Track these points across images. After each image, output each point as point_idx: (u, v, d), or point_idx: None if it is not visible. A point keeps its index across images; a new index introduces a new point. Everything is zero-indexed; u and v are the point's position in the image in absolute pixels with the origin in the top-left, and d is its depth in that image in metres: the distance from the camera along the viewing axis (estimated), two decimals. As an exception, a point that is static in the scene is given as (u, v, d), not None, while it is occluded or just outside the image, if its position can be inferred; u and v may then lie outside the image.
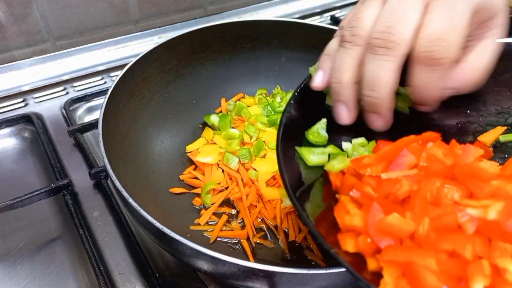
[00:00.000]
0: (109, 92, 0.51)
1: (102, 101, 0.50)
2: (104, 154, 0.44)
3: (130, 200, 0.39)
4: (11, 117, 0.67)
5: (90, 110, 0.73)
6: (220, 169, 0.56)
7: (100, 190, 0.58)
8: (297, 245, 0.49)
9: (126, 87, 0.55)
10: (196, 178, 0.56)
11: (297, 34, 0.66)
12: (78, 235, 0.50)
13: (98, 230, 0.53)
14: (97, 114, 0.72)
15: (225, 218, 0.52)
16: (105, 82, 0.78)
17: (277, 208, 0.51)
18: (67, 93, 0.75)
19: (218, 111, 0.66)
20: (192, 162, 0.59)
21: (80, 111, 0.72)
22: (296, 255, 0.48)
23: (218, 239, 0.50)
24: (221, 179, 0.55)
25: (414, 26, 0.32)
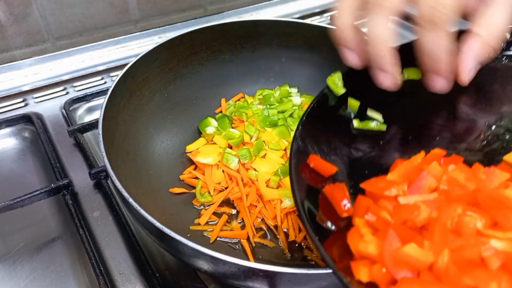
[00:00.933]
0: (109, 92, 0.51)
1: (102, 101, 0.50)
2: (104, 154, 0.44)
3: (130, 200, 0.39)
4: (11, 117, 0.67)
5: (90, 110, 0.73)
6: (220, 169, 0.56)
7: (100, 190, 0.58)
8: (297, 245, 0.49)
9: (126, 87, 0.55)
10: (196, 178, 0.56)
11: (297, 34, 0.65)
12: (78, 235, 0.50)
13: (98, 230, 0.53)
14: (97, 114, 0.72)
15: (225, 218, 0.52)
16: (105, 82, 0.78)
17: (277, 208, 0.51)
18: (67, 93, 0.75)
19: (218, 111, 0.66)
20: (192, 162, 0.59)
21: (80, 111, 0.72)
22: (296, 255, 0.48)
23: (218, 239, 0.50)
24: (221, 179, 0.55)
25: None
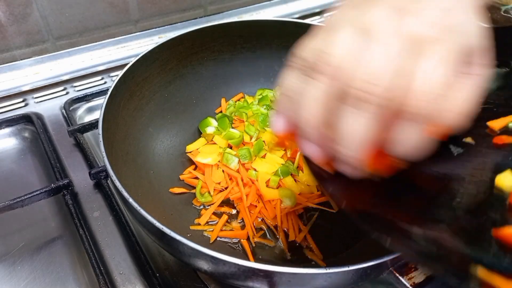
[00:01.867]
0: (109, 92, 0.51)
1: (102, 101, 0.50)
2: (104, 154, 0.44)
3: (130, 200, 0.39)
4: (11, 117, 0.67)
5: (90, 110, 0.73)
6: (220, 169, 0.56)
7: (100, 190, 0.58)
8: (297, 245, 0.49)
9: (126, 87, 0.55)
10: (196, 178, 0.56)
11: (297, 34, 0.65)
12: (78, 235, 0.50)
13: (98, 230, 0.53)
14: (97, 114, 0.72)
15: (225, 218, 0.52)
16: (105, 82, 0.78)
17: (277, 208, 0.51)
18: (67, 93, 0.75)
19: (218, 111, 0.66)
20: (192, 162, 0.59)
21: (80, 111, 0.72)
22: (296, 255, 0.48)
23: (218, 239, 0.50)
24: (221, 179, 0.55)
25: (408, 81, 0.25)
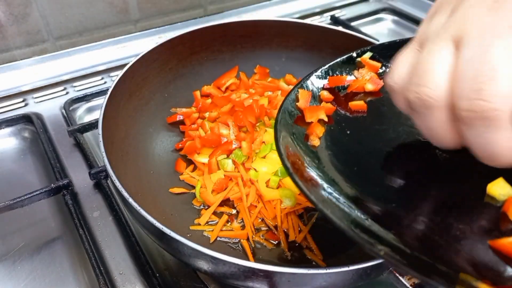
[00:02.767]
0: (109, 92, 0.51)
1: (102, 101, 0.50)
2: (104, 154, 0.44)
3: (130, 200, 0.39)
4: (11, 117, 0.67)
5: (90, 110, 0.73)
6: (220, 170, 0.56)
7: (100, 190, 0.58)
8: (297, 245, 0.49)
9: (126, 87, 0.55)
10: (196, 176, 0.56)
11: (297, 34, 0.66)
12: (78, 235, 0.50)
13: (98, 230, 0.53)
14: (97, 114, 0.72)
15: (225, 218, 0.51)
16: (105, 82, 0.78)
17: (277, 208, 0.51)
18: (67, 93, 0.75)
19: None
20: (191, 162, 0.58)
21: (80, 111, 0.72)
22: (296, 255, 0.48)
23: (218, 239, 0.50)
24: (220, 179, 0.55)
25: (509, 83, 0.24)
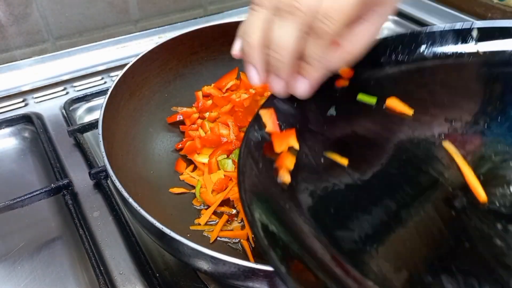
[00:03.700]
0: (109, 92, 0.51)
1: (102, 101, 0.50)
2: (104, 154, 0.44)
3: (130, 200, 0.39)
4: (11, 117, 0.67)
5: (90, 110, 0.73)
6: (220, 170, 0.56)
7: (100, 190, 0.58)
8: (297, 245, 0.49)
9: (126, 87, 0.55)
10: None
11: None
12: (78, 235, 0.50)
13: (98, 230, 0.53)
14: (97, 114, 0.72)
15: (225, 218, 0.51)
16: (105, 82, 0.78)
17: (277, 208, 0.51)
18: (67, 93, 0.75)
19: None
20: (191, 162, 0.58)
21: (80, 111, 0.72)
22: (296, 255, 0.48)
23: (218, 239, 0.50)
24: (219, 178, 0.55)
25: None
